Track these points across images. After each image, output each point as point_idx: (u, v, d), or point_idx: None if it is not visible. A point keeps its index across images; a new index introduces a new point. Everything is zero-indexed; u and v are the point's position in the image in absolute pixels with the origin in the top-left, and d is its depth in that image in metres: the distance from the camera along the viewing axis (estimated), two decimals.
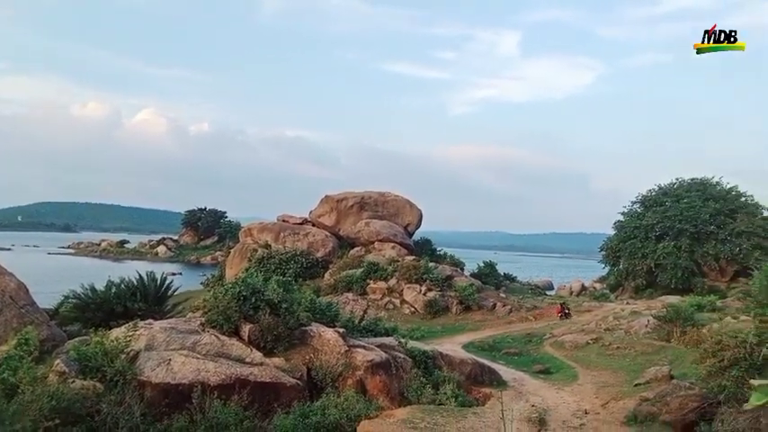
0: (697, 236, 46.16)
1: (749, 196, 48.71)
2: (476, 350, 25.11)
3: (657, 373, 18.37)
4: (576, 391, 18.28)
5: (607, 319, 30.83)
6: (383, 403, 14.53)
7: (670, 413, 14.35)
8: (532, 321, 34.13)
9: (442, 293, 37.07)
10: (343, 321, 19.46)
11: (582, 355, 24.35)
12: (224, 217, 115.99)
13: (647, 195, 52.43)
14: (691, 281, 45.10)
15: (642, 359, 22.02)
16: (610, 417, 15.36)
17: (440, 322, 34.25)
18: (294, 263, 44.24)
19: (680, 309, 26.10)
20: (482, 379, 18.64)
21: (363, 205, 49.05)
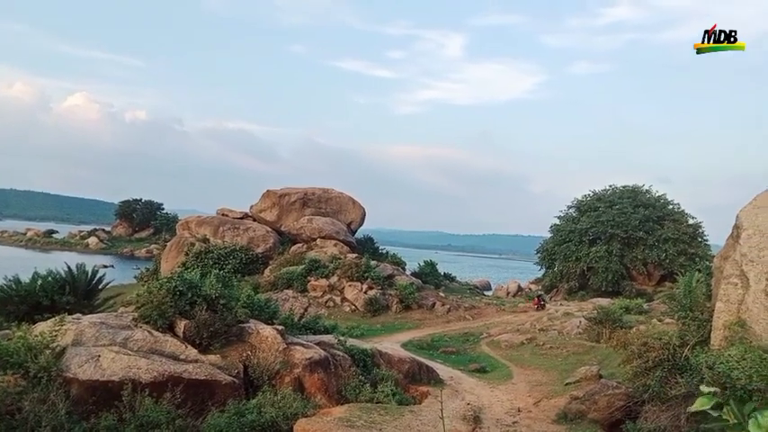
0: (627, 241, 48.20)
1: (676, 204, 51.33)
2: (414, 348, 25.33)
3: (587, 373, 19.08)
4: (510, 390, 18.73)
5: (541, 319, 31.76)
6: (321, 401, 14.44)
7: (598, 411, 14.94)
8: (470, 321, 34.77)
9: (383, 292, 37.21)
10: (282, 319, 19.22)
11: (517, 354, 24.98)
12: (160, 209, 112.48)
13: (582, 200, 54.33)
14: (620, 284, 47.07)
15: (573, 359, 22.81)
16: (542, 415, 15.82)
17: (380, 320, 34.38)
18: (233, 258, 43.38)
19: (609, 311, 27.19)
20: (420, 377, 18.81)
21: (306, 201, 48.59)
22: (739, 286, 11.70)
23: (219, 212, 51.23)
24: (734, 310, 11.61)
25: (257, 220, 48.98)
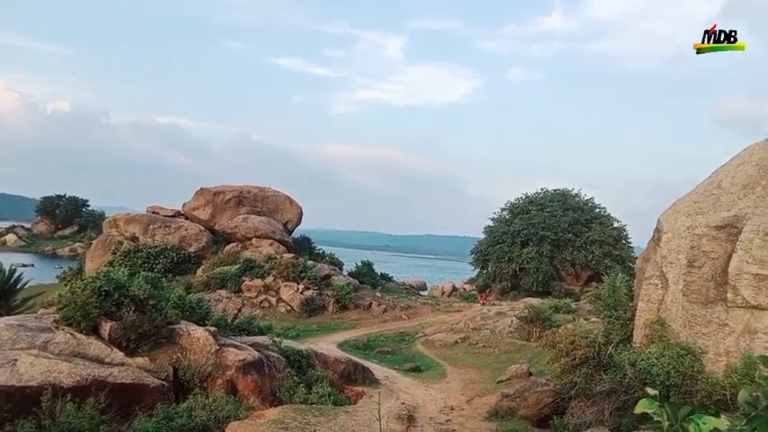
0: (557, 243, 49.94)
1: (603, 208, 53.64)
2: (350, 349, 25.30)
3: (518, 371, 19.63)
4: (443, 389, 19.01)
5: (475, 318, 32.42)
6: (254, 403, 14.20)
7: (528, 408, 15.39)
8: (406, 320, 35.06)
9: (320, 292, 36.97)
10: (214, 320, 18.79)
11: (451, 353, 25.39)
12: (86, 206, 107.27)
13: (515, 203, 55.87)
14: (550, 284, 48.71)
15: (505, 357, 23.41)
16: (474, 412, 16.14)
17: (316, 321, 34.14)
18: (164, 257, 41.97)
19: (539, 310, 28.07)
20: (355, 377, 18.80)
21: (242, 200, 47.62)
22: (659, 287, 12.33)
23: (150, 210, 49.44)
24: (654, 310, 12.23)
25: (190, 219, 47.59)
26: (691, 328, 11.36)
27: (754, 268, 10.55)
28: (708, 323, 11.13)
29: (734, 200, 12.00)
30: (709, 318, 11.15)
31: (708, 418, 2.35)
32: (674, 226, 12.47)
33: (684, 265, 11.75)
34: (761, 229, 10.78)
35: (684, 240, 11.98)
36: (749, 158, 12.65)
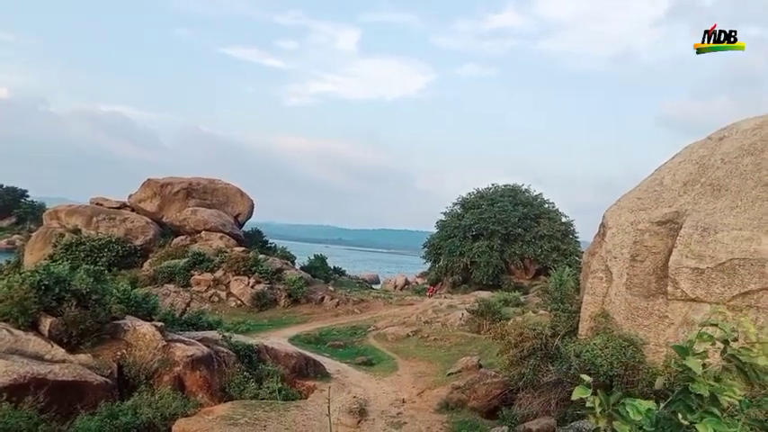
0: (507, 237, 50.91)
1: (551, 203, 55.01)
2: (302, 343, 25.16)
3: (468, 363, 19.93)
4: (395, 382, 19.12)
5: (427, 312, 32.73)
6: (203, 400, 13.95)
7: (477, 400, 15.66)
8: (358, 314, 35.09)
9: (271, 286, 36.58)
10: (161, 314, 18.34)
11: (402, 346, 25.56)
12: (25, 196, 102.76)
13: (467, 198, 56.63)
14: (500, 278, 49.66)
15: (456, 350, 23.73)
16: (424, 405, 16.31)
17: (267, 315, 33.77)
18: (108, 250, 40.65)
19: (489, 303, 28.58)
20: (307, 372, 18.71)
21: (191, 192, 46.55)
22: (604, 280, 12.72)
23: (93, 201, 47.74)
24: (599, 302, 12.61)
25: (136, 211, 46.23)
26: (633, 320, 11.76)
27: (693, 262, 11.00)
28: (649, 315, 11.55)
29: (675, 196, 12.47)
30: (650, 310, 11.57)
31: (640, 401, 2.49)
32: (618, 221, 12.87)
33: (628, 260, 12.16)
34: (699, 225, 11.24)
35: (628, 235, 12.38)
36: (689, 156, 13.17)
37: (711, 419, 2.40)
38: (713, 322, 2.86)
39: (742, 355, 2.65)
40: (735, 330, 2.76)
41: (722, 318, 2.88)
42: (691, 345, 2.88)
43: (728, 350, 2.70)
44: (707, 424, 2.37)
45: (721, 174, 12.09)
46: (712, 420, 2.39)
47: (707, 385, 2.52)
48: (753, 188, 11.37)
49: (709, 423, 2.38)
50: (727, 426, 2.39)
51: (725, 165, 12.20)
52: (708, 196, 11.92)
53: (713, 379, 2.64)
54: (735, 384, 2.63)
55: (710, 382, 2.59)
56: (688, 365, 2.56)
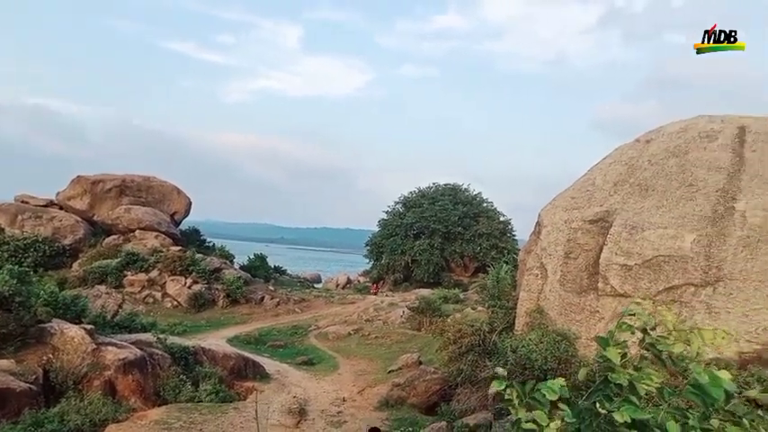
0: (447, 235, 51.61)
1: (490, 202, 56.11)
2: (241, 344, 24.70)
3: (408, 360, 20.10)
4: (335, 381, 19.05)
5: (368, 310, 32.78)
6: (136, 404, 13.49)
7: (417, 396, 15.80)
8: (299, 314, 34.76)
9: (209, 286, 35.70)
10: (92, 317, 17.59)
11: (344, 345, 25.50)
12: None
13: (408, 197, 57.04)
14: (440, 275, 50.29)
15: (397, 347, 23.88)
16: (365, 403, 16.33)
17: (205, 316, 32.96)
18: (34, 250, 38.59)
19: (430, 300, 28.89)
20: (246, 373, 18.39)
21: (124, 189, 44.81)
22: (539, 277, 13.10)
23: (18, 199, 45.19)
24: (534, 299, 12.97)
25: (65, 209, 44.09)
26: (566, 315, 12.16)
27: (622, 259, 11.48)
28: (581, 310, 11.97)
29: (606, 196, 12.97)
30: (582, 306, 12.00)
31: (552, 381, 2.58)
32: (552, 220, 13.27)
33: (562, 257, 12.55)
34: (628, 224, 11.74)
35: (562, 233, 12.78)
36: (619, 158, 13.73)
37: (629, 407, 2.49)
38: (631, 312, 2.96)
39: (659, 344, 2.75)
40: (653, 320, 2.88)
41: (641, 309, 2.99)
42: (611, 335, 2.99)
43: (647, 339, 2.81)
44: (624, 412, 2.46)
45: (648, 175, 12.66)
46: (630, 408, 2.48)
47: (626, 374, 2.62)
48: (677, 188, 11.97)
49: (626, 411, 2.46)
50: (644, 413, 2.49)
51: (652, 166, 12.78)
52: (636, 196, 12.45)
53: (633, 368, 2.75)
54: (653, 373, 2.75)
55: (629, 372, 2.69)
56: (607, 356, 2.66)
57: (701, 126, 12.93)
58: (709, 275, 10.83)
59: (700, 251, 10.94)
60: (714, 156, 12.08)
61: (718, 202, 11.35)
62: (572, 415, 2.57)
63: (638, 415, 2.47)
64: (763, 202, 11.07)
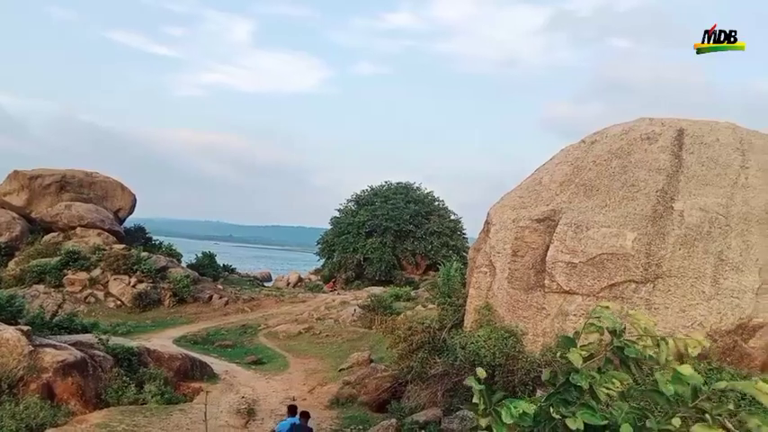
0: (399, 234, 51.86)
1: (441, 201, 56.71)
2: (188, 344, 24.15)
3: (359, 358, 20.09)
4: (286, 380, 18.88)
5: (319, 309, 32.61)
6: (75, 408, 13.00)
7: (367, 394, 15.81)
8: (249, 313, 34.25)
9: (155, 285, 34.76)
10: (29, 318, 16.88)
11: (294, 344, 25.28)
12: None
13: (361, 195, 57.02)
14: (392, 273, 50.50)
15: (348, 345, 23.83)
16: (315, 401, 16.23)
17: (150, 316, 32.07)
18: None
19: (381, 298, 28.97)
20: (193, 374, 18.00)
21: (65, 185, 43.09)
22: (488, 274, 13.30)
23: None
24: (483, 296, 13.17)
25: (0, 205, 42.11)
26: (514, 312, 12.40)
27: (567, 257, 11.78)
28: (528, 307, 12.23)
29: (552, 195, 13.29)
30: (529, 302, 12.26)
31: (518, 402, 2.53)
32: (501, 218, 13.50)
33: (510, 255, 12.79)
34: (573, 222, 12.06)
35: (510, 232, 13.02)
36: (565, 158, 14.08)
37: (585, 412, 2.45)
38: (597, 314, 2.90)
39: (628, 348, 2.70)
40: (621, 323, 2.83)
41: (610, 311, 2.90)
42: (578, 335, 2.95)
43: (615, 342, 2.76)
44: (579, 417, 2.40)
45: (593, 175, 13.03)
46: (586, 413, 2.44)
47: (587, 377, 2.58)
48: (620, 188, 12.37)
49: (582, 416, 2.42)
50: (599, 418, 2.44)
51: (596, 166, 13.17)
52: (581, 196, 12.81)
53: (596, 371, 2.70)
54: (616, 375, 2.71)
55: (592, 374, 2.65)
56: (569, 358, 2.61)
57: (642, 128, 13.40)
58: (649, 273, 11.24)
59: (640, 249, 11.34)
60: (654, 157, 12.54)
61: (657, 202, 11.79)
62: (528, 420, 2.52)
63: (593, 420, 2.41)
64: (699, 202, 11.57)
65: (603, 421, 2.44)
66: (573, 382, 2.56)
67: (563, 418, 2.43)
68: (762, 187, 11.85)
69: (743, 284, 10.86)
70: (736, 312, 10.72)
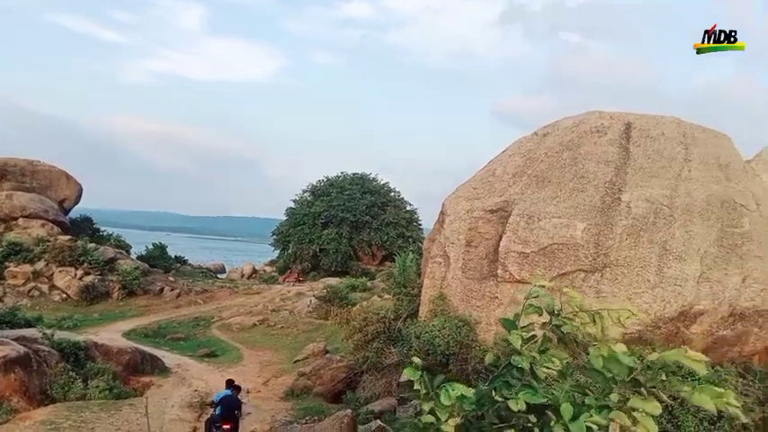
0: (355, 224, 51.83)
1: (397, 192, 56.91)
2: (139, 337, 23.60)
3: (314, 349, 20.04)
4: (239, 372, 18.65)
5: (274, 300, 32.33)
6: (19, 405, 12.54)
7: (323, 385, 15.80)
8: (202, 305, 33.68)
9: (103, 278, 33.77)
10: None
11: (248, 336, 25.01)
12: None
13: (317, 186, 56.64)
14: (348, 264, 50.46)
15: (303, 337, 23.73)
16: (270, 393, 16.12)
17: (98, 309, 31.15)
18: None
19: (337, 289, 28.93)
20: (143, 368, 17.61)
21: (5, 174, 41.24)
22: (442, 265, 13.42)
23: None
24: (438, 286, 13.29)
25: None
26: (468, 301, 12.56)
27: (519, 247, 12.00)
28: (482, 297, 12.41)
29: (505, 187, 13.49)
30: (482, 292, 12.44)
31: (455, 385, 2.57)
32: (455, 209, 13.63)
33: (463, 245, 12.93)
34: (525, 213, 12.28)
35: (464, 222, 13.17)
36: (518, 150, 14.31)
37: (528, 392, 2.50)
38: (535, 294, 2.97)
39: (565, 325, 2.78)
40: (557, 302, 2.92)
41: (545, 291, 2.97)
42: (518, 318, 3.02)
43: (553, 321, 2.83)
44: (520, 399, 2.45)
45: (545, 167, 13.29)
46: (528, 393, 2.50)
47: (528, 358, 2.64)
48: (570, 180, 12.65)
49: (525, 396, 2.47)
50: (541, 397, 2.51)
51: (548, 158, 13.43)
52: (533, 187, 13.04)
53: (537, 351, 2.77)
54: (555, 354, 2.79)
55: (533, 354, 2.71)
56: (509, 339, 2.67)
57: (592, 122, 13.73)
58: (597, 262, 11.56)
59: (589, 239, 11.65)
60: (603, 150, 12.88)
61: (606, 193, 12.12)
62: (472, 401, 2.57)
63: (535, 399, 2.47)
64: (645, 193, 11.96)
65: (544, 400, 2.50)
66: (514, 363, 2.61)
67: (506, 400, 2.48)
68: (703, 179, 12.33)
69: (685, 273, 11.30)
70: (678, 300, 11.15)
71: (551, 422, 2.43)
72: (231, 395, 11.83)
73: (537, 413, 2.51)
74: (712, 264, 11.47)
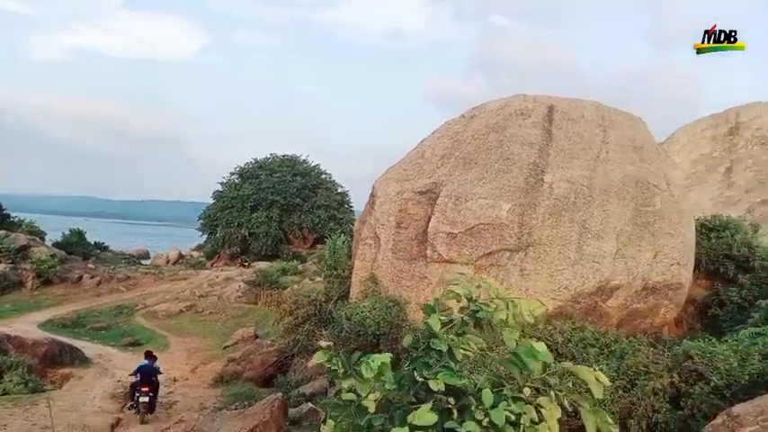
0: (286, 207, 51.16)
1: (328, 174, 56.52)
2: (56, 328, 22.49)
3: (244, 334, 19.76)
4: (166, 360, 18.11)
5: (202, 286, 31.55)
6: None
7: (253, 370, 15.62)
8: (125, 292, 32.44)
9: (15, 266, 31.88)
10: None
11: (175, 323, 24.33)
12: None
13: (245, 168, 55.39)
14: (279, 248, 49.83)
15: (233, 322, 23.33)
16: (198, 381, 15.80)
17: (10, 299, 29.40)
18: None
19: (267, 273, 28.56)
20: (61, 359, 16.82)
21: None
22: (373, 246, 13.49)
23: None
24: (368, 267, 13.35)
25: None
26: (398, 282, 12.70)
27: (447, 228, 12.22)
28: (411, 277, 12.58)
29: (434, 168, 13.66)
30: (412, 272, 12.60)
31: (374, 356, 2.62)
32: (386, 191, 13.69)
33: (393, 227, 13.04)
34: (453, 194, 12.49)
35: (394, 204, 13.26)
36: (446, 132, 14.51)
37: (446, 374, 2.57)
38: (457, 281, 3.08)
39: (480, 311, 2.88)
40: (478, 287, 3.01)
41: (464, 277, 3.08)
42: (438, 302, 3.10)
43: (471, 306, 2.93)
44: (440, 378, 2.52)
45: (472, 149, 13.54)
46: (446, 374, 2.56)
47: (446, 341, 2.71)
48: (496, 162, 12.96)
49: (443, 377, 2.54)
50: (458, 378, 2.58)
51: (475, 140, 13.69)
52: (461, 168, 13.27)
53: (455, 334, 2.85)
54: (472, 338, 2.88)
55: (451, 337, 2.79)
56: (428, 323, 2.73)
57: (517, 104, 14.09)
58: (521, 241, 11.95)
59: (514, 219, 12.01)
60: (527, 132, 13.26)
61: (530, 174, 12.51)
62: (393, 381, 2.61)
63: (453, 381, 2.54)
64: (566, 174, 12.43)
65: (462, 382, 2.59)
66: (433, 346, 2.68)
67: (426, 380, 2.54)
68: (619, 161, 12.95)
69: (602, 250, 11.87)
70: (596, 276, 11.72)
71: (472, 406, 2.50)
72: (148, 364, 13.52)
73: (455, 396, 2.58)
74: (627, 241, 12.10)
